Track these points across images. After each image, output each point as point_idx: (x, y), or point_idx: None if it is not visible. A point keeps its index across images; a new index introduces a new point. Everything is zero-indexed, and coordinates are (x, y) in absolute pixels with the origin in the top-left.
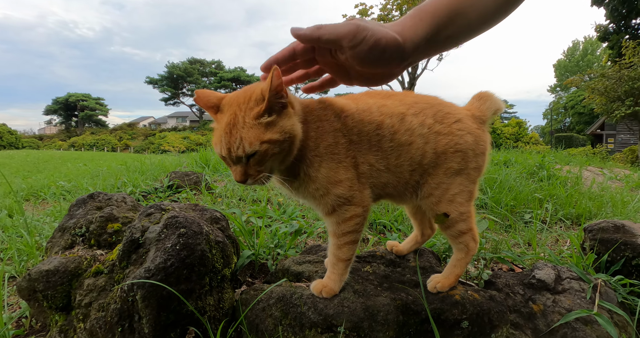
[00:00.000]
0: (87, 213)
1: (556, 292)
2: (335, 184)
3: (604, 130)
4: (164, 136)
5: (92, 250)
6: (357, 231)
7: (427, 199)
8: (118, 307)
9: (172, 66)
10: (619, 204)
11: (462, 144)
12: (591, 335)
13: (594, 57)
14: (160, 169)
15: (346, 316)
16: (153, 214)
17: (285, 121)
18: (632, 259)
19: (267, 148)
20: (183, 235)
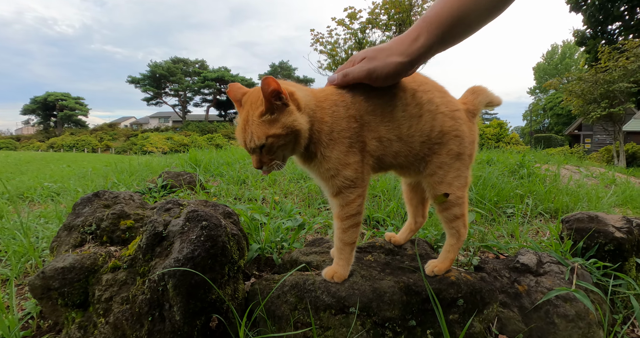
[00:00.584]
0: (94, 211)
1: (538, 274)
2: (345, 167)
3: (581, 131)
4: (146, 136)
5: (106, 246)
6: (359, 213)
7: (430, 178)
8: (147, 298)
9: (155, 65)
10: (594, 199)
11: (460, 131)
12: (570, 310)
13: (572, 60)
14: (149, 170)
15: (357, 297)
16: (172, 209)
17: (286, 117)
18: (605, 245)
19: (272, 141)
20: (205, 227)
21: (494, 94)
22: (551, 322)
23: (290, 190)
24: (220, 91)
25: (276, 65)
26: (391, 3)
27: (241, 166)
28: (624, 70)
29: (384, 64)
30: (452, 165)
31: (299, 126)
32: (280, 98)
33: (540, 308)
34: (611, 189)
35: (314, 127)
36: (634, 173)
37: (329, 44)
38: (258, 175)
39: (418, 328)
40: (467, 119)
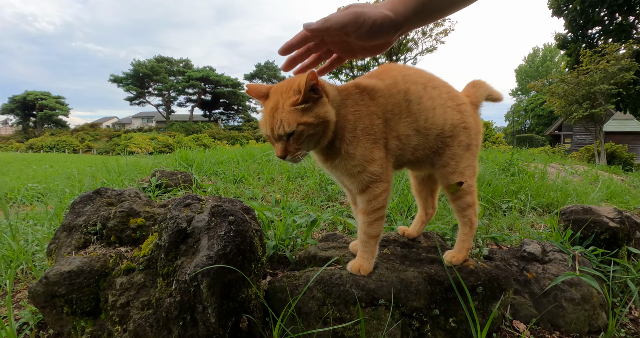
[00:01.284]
0: (97, 209)
1: (544, 262)
2: (371, 162)
3: (561, 131)
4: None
5: (114, 247)
6: (384, 207)
7: (443, 169)
8: (177, 300)
9: (138, 64)
10: (581, 195)
11: (468, 123)
12: (576, 294)
13: (553, 63)
14: (137, 170)
15: (386, 289)
16: (192, 204)
17: (319, 108)
18: (601, 234)
19: (303, 129)
20: (233, 222)
21: (494, 88)
22: (560, 306)
23: (289, 189)
24: (205, 90)
25: (262, 65)
26: None
27: (236, 166)
28: (604, 72)
29: (373, 11)
30: (463, 155)
31: (330, 117)
32: (316, 91)
33: (549, 293)
34: (596, 185)
35: (338, 124)
36: (615, 171)
37: None
38: (255, 174)
39: (441, 316)
40: (473, 111)
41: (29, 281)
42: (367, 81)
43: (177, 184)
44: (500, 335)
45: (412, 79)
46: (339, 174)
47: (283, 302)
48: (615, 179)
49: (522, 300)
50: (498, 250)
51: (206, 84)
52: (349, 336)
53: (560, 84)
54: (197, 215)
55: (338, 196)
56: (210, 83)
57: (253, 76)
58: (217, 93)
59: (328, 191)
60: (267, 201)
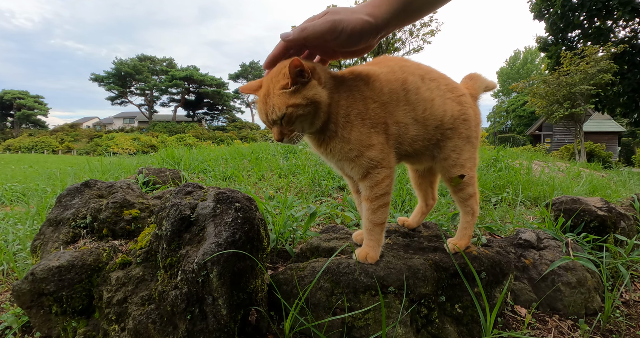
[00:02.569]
0: (87, 201)
1: (539, 249)
2: (368, 148)
3: (541, 131)
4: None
5: (107, 240)
6: (388, 193)
7: (444, 162)
8: (184, 292)
9: (120, 63)
10: (566, 189)
11: (467, 115)
12: (572, 278)
13: (533, 65)
14: (121, 169)
15: (395, 276)
16: (194, 192)
17: (308, 90)
18: (590, 222)
19: (292, 111)
20: (239, 209)
21: (488, 79)
22: (557, 290)
23: (281, 185)
24: (189, 90)
25: (247, 65)
26: None
27: (225, 163)
28: (584, 74)
29: (350, 18)
30: (464, 148)
31: (319, 98)
32: (303, 75)
33: (547, 278)
34: (578, 181)
35: (331, 107)
36: (595, 168)
37: None
38: (245, 170)
39: (447, 303)
40: (472, 103)
41: (10, 282)
42: (362, 68)
43: (165, 181)
44: (504, 320)
45: (409, 70)
46: (337, 160)
47: (289, 294)
48: (596, 175)
49: (521, 285)
50: (494, 239)
51: (190, 84)
52: (360, 326)
53: (541, 84)
54: (200, 201)
55: (331, 192)
56: (194, 83)
57: (237, 76)
58: (201, 93)
59: (322, 187)
60: (259, 197)
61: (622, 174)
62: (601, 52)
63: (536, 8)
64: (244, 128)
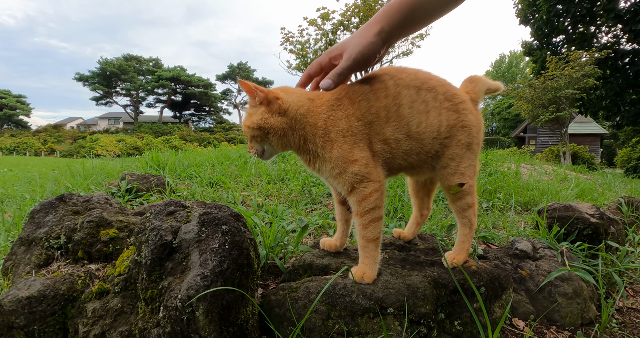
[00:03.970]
0: (61, 219)
1: (535, 259)
2: (351, 163)
3: (526, 133)
4: (95, 138)
5: (83, 264)
6: (378, 207)
7: (443, 170)
8: (168, 331)
9: (105, 62)
10: (555, 193)
11: (467, 121)
12: (568, 289)
13: (518, 69)
14: (104, 174)
15: (394, 296)
16: (176, 212)
17: (255, 116)
18: (583, 230)
19: (246, 131)
20: (227, 232)
21: (491, 81)
22: (554, 301)
23: (270, 192)
24: (175, 91)
25: (234, 66)
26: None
27: (211, 168)
28: (569, 78)
29: (355, 44)
30: (464, 155)
31: (266, 125)
32: (252, 98)
33: (544, 289)
34: (565, 184)
35: (306, 130)
36: (581, 170)
37: (299, 43)
38: (232, 176)
39: (447, 320)
40: (473, 108)
41: None
42: (348, 86)
43: (149, 188)
44: (503, 335)
45: (404, 82)
46: (325, 178)
47: (282, 317)
48: (582, 178)
49: (518, 297)
50: (490, 248)
51: (177, 85)
52: None
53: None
54: (183, 224)
55: (322, 198)
56: (181, 83)
57: (225, 77)
58: (187, 94)
59: (312, 194)
60: (247, 205)
61: (607, 177)
62: (585, 56)
63: (522, 13)
64: (231, 129)
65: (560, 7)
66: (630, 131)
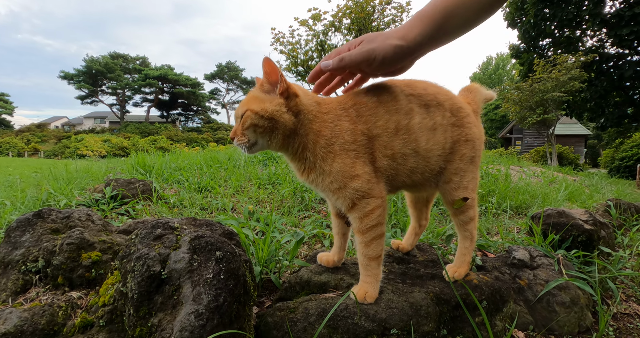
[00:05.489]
0: (39, 239)
1: (533, 268)
2: (352, 178)
3: (512, 134)
4: (80, 138)
5: (63, 292)
6: (380, 224)
7: (446, 185)
8: None
9: (91, 60)
10: (546, 196)
11: (470, 135)
12: (566, 298)
13: (504, 71)
14: (89, 177)
15: (397, 317)
16: (164, 236)
17: (269, 104)
18: (578, 237)
19: (248, 115)
20: (221, 259)
21: (487, 90)
22: (552, 310)
23: (261, 197)
24: (163, 90)
25: (223, 65)
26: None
27: (200, 172)
28: (556, 81)
29: (383, 46)
30: (467, 169)
31: (279, 118)
32: (273, 84)
33: (542, 298)
34: (554, 186)
35: (308, 137)
36: (568, 172)
37: (290, 44)
38: (222, 181)
39: (449, 336)
40: (475, 120)
41: None
42: (356, 96)
43: (135, 194)
44: None
45: (416, 98)
46: (320, 190)
47: None
48: (569, 179)
49: (517, 307)
50: (487, 258)
51: (164, 84)
52: None
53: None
54: (172, 251)
55: (315, 204)
56: (169, 82)
57: (214, 76)
58: (175, 93)
59: (305, 200)
60: (238, 212)
61: (594, 178)
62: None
63: (510, 17)
64: (219, 129)
65: (548, 11)
66: (614, 133)
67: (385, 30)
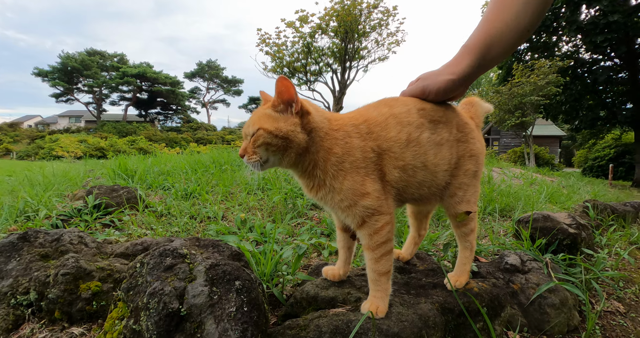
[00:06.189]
0: (27, 267)
1: (524, 272)
2: (363, 196)
3: (490, 135)
4: (55, 139)
5: (62, 327)
6: (390, 240)
7: (450, 199)
8: None
9: (67, 57)
10: (528, 199)
11: (475, 150)
12: (555, 300)
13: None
14: (67, 182)
15: (409, 330)
16: (176, 266)
17: (284, 123)
18: (563, 240)
19: (261, 133)
20: (242, 290)
21: (486, 103)
22: (544, 312)
23: (251, 204)
24: (141, 88)
25: (203, 63)
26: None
27: (185, 176)
28: (534, 85)
29: (435, 82)
30: (470, 183)
31: (294, 138)
32: (286, 103)
33: (534, 301)
34: (533, 187)
35: (319, 154)
36: (546, 173)
37: (276, 45)
38: (209, 186)
39: None
40: (478, 134)
41: None
42: (366, 111)
43: (119, 203)
44: None
45: (425, 113)
46: (329, 208)
47: None
48: (547, 181)
49: (512, 311)
50: (481, 263)
51: (142, 82)
52: None
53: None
54: (188, 284)
55: (306, 211)
56: (147, 80)
57: (194, 75)
58: (154, 91)
59: (297, 207)
60: (229, 220)
61: (570, 178)
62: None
63: None
64: (199, 129)
65: None
66: (587, 134)
67: (438, 68)
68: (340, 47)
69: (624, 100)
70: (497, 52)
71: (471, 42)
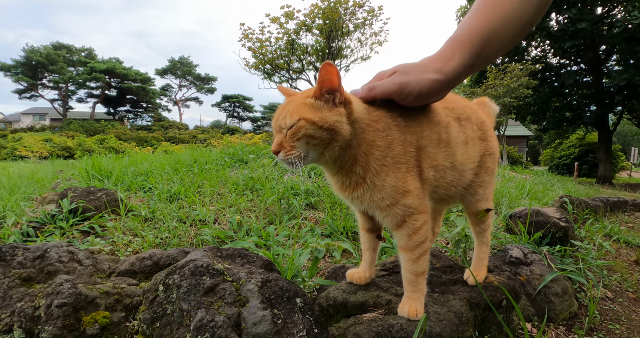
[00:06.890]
0: (6, 295)
1: (528, 264)
2: (404, 195)
3: None
4: (19, 138)
5: None
6: (428, 239)
7: (472, 197)
8: None
9: (31, 50)
10: (510, 195)
11: (493, 148)
12: (558, 288)
13: None
14: (34, 184)
15: (449, 328)
16: (218, 286)
17: (329, 113)
18: (555, 233)
19: (303, 125)
20: (305, 309)
21: (494, 104)
22: (549, 301)
23: (242, 205)
24: (110, 85)
25: (175, 60)
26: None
27: (167, 177)
28: (507, 88)
29: (418, 80)
30: (490, 181)
31: (339, 129)
32: (332, 93)
33: (540, 291)
34: (511, 184)
35: (361, 148)
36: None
37: (259, 41)
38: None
39: (480, 336)
40: (493, 133)
41: None
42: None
43: (98, 207)
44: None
45: (452, 111)
46: (365, 207)
47: None
48: (522, 178)
49: (522, 301)
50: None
51: (111, 78)
52: None
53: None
54: (242, 309)
55: (302, 211)
56: (116, 77)
57: (165, 72)
58: (123, 88)
59: (291, 207)
60: (222, 223)
61: (543, 176)
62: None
63: None
64: (171, 127)
65: None
66: (554, 134)
67: (420, 61)
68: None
69: (588, 102)
70: (495, 48)
71: (463, 35)
